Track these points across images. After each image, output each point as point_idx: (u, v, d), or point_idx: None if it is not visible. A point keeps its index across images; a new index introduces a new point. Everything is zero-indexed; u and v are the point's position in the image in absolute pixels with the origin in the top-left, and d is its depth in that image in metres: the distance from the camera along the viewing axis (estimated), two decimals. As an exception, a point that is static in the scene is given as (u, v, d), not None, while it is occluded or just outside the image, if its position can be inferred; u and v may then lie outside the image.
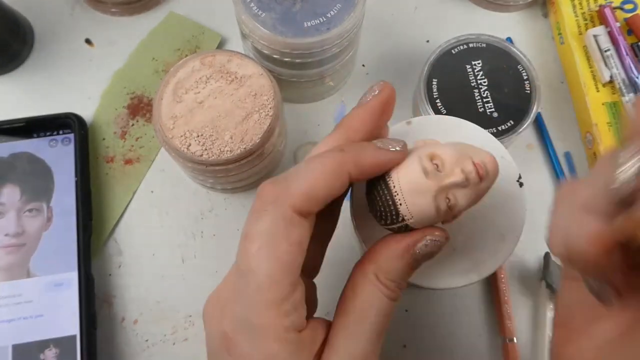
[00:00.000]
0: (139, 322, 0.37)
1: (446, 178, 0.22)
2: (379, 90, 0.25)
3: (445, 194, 0.23)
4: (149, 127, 0.41)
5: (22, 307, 0.35)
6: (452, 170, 0.23)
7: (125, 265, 0.38)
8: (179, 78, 0.34)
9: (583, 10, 0.42)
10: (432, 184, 0.22)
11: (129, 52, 0.44)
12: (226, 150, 0.32)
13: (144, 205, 0.40)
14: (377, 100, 0.25)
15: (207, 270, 0.38)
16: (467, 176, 0.22)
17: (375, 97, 0.25)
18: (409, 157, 0.23)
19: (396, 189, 0.23)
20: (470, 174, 0.22)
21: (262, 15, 0.34)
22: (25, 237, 0.37)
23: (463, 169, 0.22)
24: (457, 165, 0.23)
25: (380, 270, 0.23)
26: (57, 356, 0.34)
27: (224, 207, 0.40)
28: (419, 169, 0.22)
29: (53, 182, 0.38)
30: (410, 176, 0.23)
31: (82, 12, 0.45)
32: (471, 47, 0.40)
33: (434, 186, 0.22)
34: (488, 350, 0.37)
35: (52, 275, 0.36)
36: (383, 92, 0.25)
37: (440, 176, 0.22)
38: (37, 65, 0.44)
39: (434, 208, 0.22)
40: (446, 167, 0.23)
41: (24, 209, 0.37)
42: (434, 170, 0.23)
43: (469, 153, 0.23)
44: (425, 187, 0.22)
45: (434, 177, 0.22)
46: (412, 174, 0.23)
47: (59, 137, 0.39)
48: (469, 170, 0.22)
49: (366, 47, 0.44)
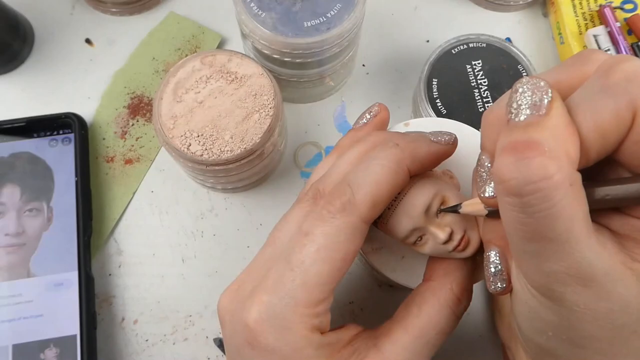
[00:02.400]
0: (139, 322, 0.37)
1: (435, 226, 0.24)
2: (374, 113, 0.27)
3: (423, 232, 0.24)
4: (149, 127, 0.41)
5: (22, 307, 0.35)
6: (444, 224, 0.24)
7: (125, 265, 0.38)
8: (179, 78, 0.34)
9: (583, 10, 0.42)
10: (422, 220, 0.24)
11: (129, 51, 0.44)
12: (226, 150, 0.32)
13: (144, 205, 0.40)
14: (373, 124, 0.27)
15: (207, 270, 0.38)
16: (448, 239, 0.24)
17: (371, 120, 0.27)
18: (427, 181, 0.24)
19: (397, 199, 0.24)
20: (451, 242, 0.24)
21: (262, 15, 0.34)
22: (25, 237, 0.37)
23: (452, 234, 0.24)
24: (453, 224, 0.24)
25: (456, 282, 0.24)
26: (57, 356, 0.34)
27: (224, 207, 0.40)
28: (426, 201, 0.23)
29: (53, 182, 0.38)
30: (415, 200, 0.23)
31: (82, 12, 0.45)
32: (471, 47, 0.40)
33: (422, 222, 0.24)
34: (488, 351, 0.37)
35: (52, 275, 0.36)
36: (379, 115, 0.27)
37: (433, 220, 0.24)
38: (37, 65, 0.44)
39: (404, 234, 0.24)
40: (444, 219, 0.24)
41: (24, 208, 0.37)
42: (434, 212, 0.24)
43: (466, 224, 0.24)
44: (416, 217, 0.23)
45: (428, 216, 0.24)
46: (417, 199, 0.23)
47: (59, 137, 0.39)
48: (455, 239, 0.24)
49: (366, 47, 0.44)
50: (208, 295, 0.38)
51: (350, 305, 0.37)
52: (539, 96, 0.17)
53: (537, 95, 0.17)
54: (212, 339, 0.37)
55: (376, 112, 0.27)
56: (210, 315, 0.37)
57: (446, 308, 0.23)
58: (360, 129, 0.27)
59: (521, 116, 0.17)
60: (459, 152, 0.26)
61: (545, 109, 0.17)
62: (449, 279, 0.24)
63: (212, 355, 0.36)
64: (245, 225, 0.39)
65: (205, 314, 0.37)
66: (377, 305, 0.37)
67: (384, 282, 0.37)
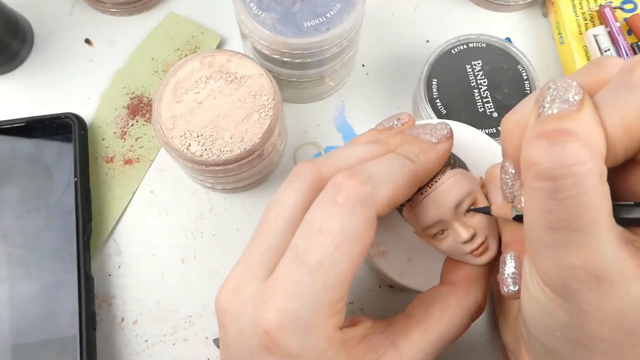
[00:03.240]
0: (139, 322, 0.37)
1: (460, 223, 0.24)
2: (403, 122, 0.26)
3: (446, 227, 0.24)
4: (148, 127, 0.41)
5: (21, 307, 0.35)
6: (469, 224, 0.24)
7: (125, 266, 0.38)
8: (179, 78, 0.34)
9: (583, 10, 0.42)
10: (450, 214, 0.24)
11: (128, 52, 0.44)
12: (226, 150, 0.32)
13: (143, 206, 0.40)
14: (395, 132, 0.26)
15: (207, 270, 0.38)
16: (469, 240, 0.24)
17: (397, 128, 0.26)
18: (464, 177, 0.24)
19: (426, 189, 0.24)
20: (470, 244, 0.24)
21: (261, 15, 0.34)
22: (24, 237, 0.37)
23: (475, 236, 0.24)
24: (478, 227, 0.24)
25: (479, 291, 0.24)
26: (56, 356, 0.34)
27: (224, 207, 0.40)
28: (459, 196, 0.24)
29: (52, 182, 0.38)
30: (449, 192, 0.24)
31: (82, 12, 0.45)
32: (471, 47, 0.40)
33: (449, 216, 0.24)
34: (488, 351, 0.36)
35: (51, 275, 0.36)
36: (406, 124, 0.26)
37: (460, 217, 0.24)
38: (37, 65, 0.44)
39: (428, 224, 0.24)
40: (470, 219, 0.24)
41: (24, 209, 0.37)
42: (463, 210, 0.24)
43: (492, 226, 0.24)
44: (445, 209, 0.23)
45: (457, 212, 0.24)
46: (452, 192, 0.24)
47: (58, 137, 0.39)
48: (475, 242, 0.24)
49: (366, 47, 0.44)
50: (208, 296, 0.38)
51: (350, 305, 0.37)
52: (571, 93, 0.17)
53: (571, 92, 0.17)
54: (212, 339, 0.37)
55: (404, 122, 0.26)
56: (210, 316, 0.37)
57: (468, 316, 0.24)
58: (382, 131, 0.26)
59: (554, 109, 0.17)
60: (459, 152, 0.27)
61: (577, 105, 0.17)
62: (475, 287, 0.24)
63: (212, 355, 0.36)
64: (245, 225, 0.39)
65: (205, 314, 0.37)
66: (377, 305, 0.37)
67: (387, 283, 0.37)
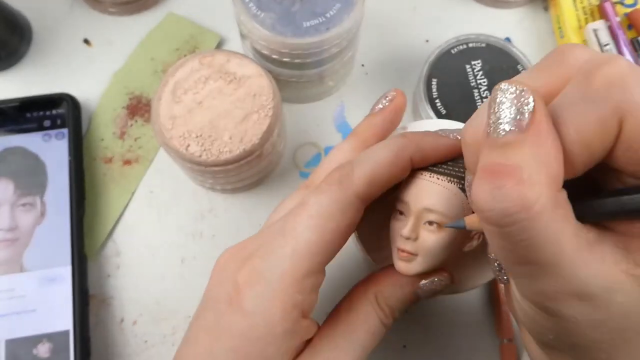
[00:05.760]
0: (138, 323, 0.37)
1: (415, 220, 0.23)
2: (390, 98, 0.27)
3: (407, 213, 0.24)
4: (147, 128, 0.41)
5: (15, 302, 0.35)
6: (418, 231, 0.23)
7: (124, 266, 0.38)
8: (178, 78, 0.33)
9: (583, 4, 0.42)
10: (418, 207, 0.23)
11: (127, 52, 0.44)
12: (225, 150, 0.32)
13: (142, 206, 0.40)
14: (389, 109, 0.26)
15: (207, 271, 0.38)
16: (406, 236, 0.23)
17: (388, 105, 0.26)
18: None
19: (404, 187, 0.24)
20: (405, 243, 0.23)
21: (261, 16, 0.34)
22: (18, 232, 0.37)
23: (417, 244, 0.23)
24: (424, 244, 0.23)
25: (381, 294, 0.24)
26: (50, 351, 0.34)
27: (224, 208, 0.40)
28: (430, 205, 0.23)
29: (46, 176, 0.38)
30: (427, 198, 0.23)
31: (80, 11, 0.45)
32: (471, 47, 0.39)
33: (415, 207, 0.23)
34: (487, 351, 0.36)
35: (45, 269, 0.36)
36: (395, 100, 0.27)
37: (420, 218, 0.23)
38: (35, 63, 0.43)
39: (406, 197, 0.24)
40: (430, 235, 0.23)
41: (18, 203, 0.37)
42: (425, 217, 0.23)
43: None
44: (418, 198, 0.23)
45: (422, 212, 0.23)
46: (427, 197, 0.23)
47: (52, 131, 0.39)
48: (407, 245, 0.23)
49: (366, 47, 0.44)
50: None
51: None
52: (519, 108, 0.16)
53: (517, 106, 0.16)
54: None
55: (392, 97, 0.27)
56: (210, 316, 0.37)
57: (373, 306, 0.24)
58: (376, 115, 0.27)
59: (500, 132, 0.16)
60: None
61: (525, 123, 0.15)
62: (380, 280, 0.25)
63: (212, 356, 0.36)
64: (245, 225, 0.39)
65: (205, 314, 0.37)
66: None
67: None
